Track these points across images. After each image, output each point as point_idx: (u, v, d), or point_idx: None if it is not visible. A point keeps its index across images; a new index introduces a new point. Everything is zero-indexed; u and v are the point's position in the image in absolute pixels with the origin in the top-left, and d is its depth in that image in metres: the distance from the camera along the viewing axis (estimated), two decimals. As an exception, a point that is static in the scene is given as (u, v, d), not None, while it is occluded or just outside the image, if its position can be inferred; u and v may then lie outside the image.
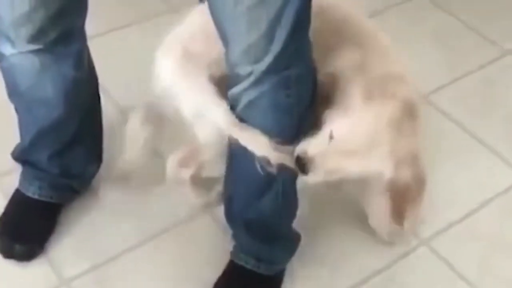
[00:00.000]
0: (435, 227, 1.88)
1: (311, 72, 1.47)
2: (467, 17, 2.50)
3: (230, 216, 1.70)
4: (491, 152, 2.07)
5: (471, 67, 2.32)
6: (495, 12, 2.54)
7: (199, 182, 1.82)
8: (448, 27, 2.47)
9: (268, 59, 1.37)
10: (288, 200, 1.64)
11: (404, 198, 1.57)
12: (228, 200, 1.68)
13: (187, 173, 1.79)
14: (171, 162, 1.78)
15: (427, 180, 1.58)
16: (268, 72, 1.39)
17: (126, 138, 1.76)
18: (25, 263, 1.75)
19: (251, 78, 1.40)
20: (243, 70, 1.40)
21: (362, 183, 1.62)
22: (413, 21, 2.48)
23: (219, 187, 1.79)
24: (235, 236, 1.72)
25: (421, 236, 1.86)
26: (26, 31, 1.52)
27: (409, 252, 1.82)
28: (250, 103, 1.44)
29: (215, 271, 1.71)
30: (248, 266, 1.70)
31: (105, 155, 1.89)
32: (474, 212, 1.92)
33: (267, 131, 1.44)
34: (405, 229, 1.69)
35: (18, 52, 1.57)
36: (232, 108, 1.47)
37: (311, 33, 1.42)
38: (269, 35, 1.34)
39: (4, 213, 1.81)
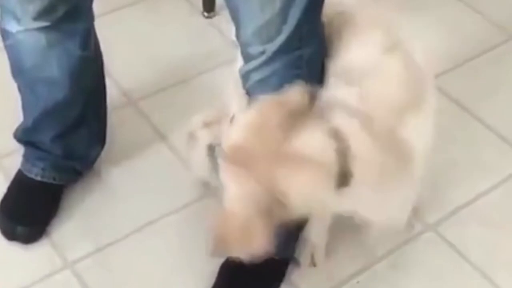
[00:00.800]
0: (441, 212, 1.86)
1: (322, 52, 1.45)
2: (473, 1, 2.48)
3: None
4: (498, 136, 2.06)
5: (476, 50, 2.31)
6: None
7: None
8: (454, 11, 2.45)
9: (281, 39, 1.35)
10: None
11: None
12: None
13: (206, 137, 1.69)
14: (196, 120, 1.70)
15: None
16: (280, 51, 1.38)
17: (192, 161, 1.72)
18: (27, 246, 1.73)
19: (263, 57, 1.38)
20: (254, 49, 1.38)
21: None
22: (419, 5, 2.45)
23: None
24: None
25: (427, 221, 1.84)
26: (34, 7, 1.50)
27: (415, 237, 1.81)
28: (260, 81, 1.42)
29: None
30: None
31: (108, 137, 1.87)
32: (480, 196, 1.90)
33: None
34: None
35: (24, 29, 1.54)
36: (242, 83, 1.45)
37: None
38: (283, 15, 1.32)
39: (6, 195, 1.79)
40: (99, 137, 1.84)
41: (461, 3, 2.47)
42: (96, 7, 1.67)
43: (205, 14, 2.35)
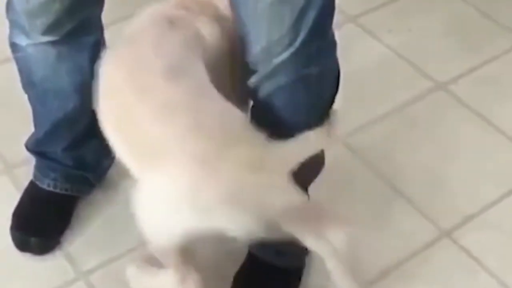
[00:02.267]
0: (456, 219, 1.85)
1: (334, 72, 1.43)
2: (482, 4, 2.47)
3: None
4: (511, 141, 2.04)
5: (487, 55, 2.30)
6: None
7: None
8: (463, 15, 2.44)
9: (286, 54, 1.33)
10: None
11: None
12: None
13: None
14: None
15: None
16: (284, 65, 1.36)
17: None
18: (41, 257, 1.73)
19: (267, 69, 1.36)
20: (262, 67, 1.37)
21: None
22: (428, 9, 2.45)
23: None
24: None
25: (442, 228, 1.83)
26: (41, 22, 1.49)
27: (430, 244, 1.80)
28: (269, 95, 1.40)
29: (235, 264, 1.69)
30: (267, 259, 1.67)
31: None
32: (495, 203, 1.89)
33: (283, 126, 1.40)
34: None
35: (33, 43, 1.54)
36: (253, 95, 1.43)
37: None
38: (293, 32, 1.31)
39: (19, 206, 1.78)
40: (110, 147, 1.83)
41: (469, 6, 2.47)
42: (107, 16, 1.67)
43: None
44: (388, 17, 2.40)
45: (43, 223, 1.74)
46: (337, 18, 1.40)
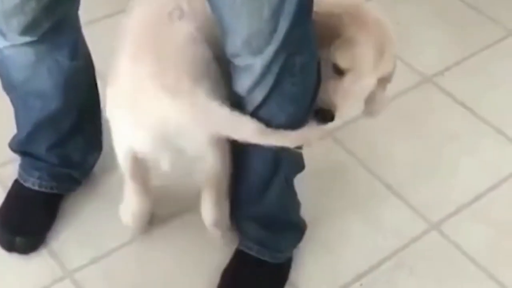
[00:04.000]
0: (444, 211, 1.85)
1: (315, 60, 1.43)
2: None
3: (238, 215, 1.66)
4: (498, 133, 2.05)
5: (475, 47, 2.29)
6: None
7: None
8: (452, 7, 2.44)
9: (271, 49, 1.32)
10: (293, 189, 1.63)
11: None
12: (235, 200, 1.64)
13: None
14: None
15: None
16: (272, 62, 1.35)
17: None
18: (27, 256, 1.71)
19: (256, 72, 1.35)
20: (243, 61, 1.36)
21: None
22: (416, 2, 2.44)
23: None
24: (241, 229, 1.68)
25: (431, 220, 1.83)
26: (18, 23, 1.47)
27: (418, 236, 1.79)
28: (252, 88, 1.39)
29: (223, 259, 1.68)
30: (255, 254, 1.66)
31: (105, 144, 1.85)
32: (483, 195, 1.89)
33: (274, 120, 1.40)
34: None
35: (11, 44, 1.52)
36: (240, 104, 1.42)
37: None
38: (272, 23, 1.29)
39: (3, 205, 1.77)
40: (95, 144, 1.82)
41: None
42: (87, 14, 1.66)
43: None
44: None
45: (28, 223, 1.73)
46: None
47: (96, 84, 1.77)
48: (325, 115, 1.48)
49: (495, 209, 1.86)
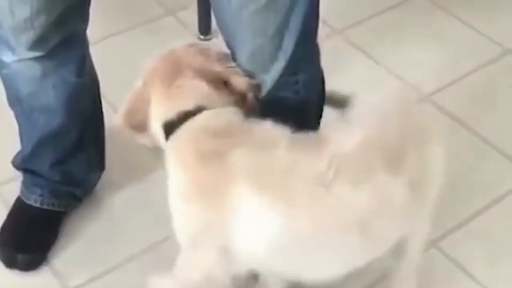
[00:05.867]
0: (443, 229, 1.85)
1: (319, 76, 1.44)
2: (468, 17, 2.48)
3: None
4: (497, 151, 2.05)
5: (472, 66, 2.31)
6: (495, 11, 2.53)
7: None
8: (449, 27, 2.46)
9: (278, 66, 1.34)
10: None
11: None
12: None
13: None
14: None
15: None
16: (270, 73, 1.37)
17: None
18: (28, 273, 1.72)
19: (265, 88, 1.37)
20: (248, 74, 1.38)
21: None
22: (414, 21, 2.46)
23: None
24: None
25: (430, 238, 1.83)
26: (27, 38, 1.49)
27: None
28: (268, 108, 1.41)
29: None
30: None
31: (108, 162, 1.86)
32: (481, 212, 1.90)
33: None
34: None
35: (19, 59, 1.54)
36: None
37: None
38: (277, 41, 1.32)
39: (6, 222, 1.78)
40: (98, 162, 1.84)
41: (454, 18, 2.48)
42: (93, 33, 1.68)
43: (201, 37, 2.36)
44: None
45: (29, 240, 1.74)
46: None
47: (100, 102, 1.79)
48: None
49: (493, 226, 1.86)
